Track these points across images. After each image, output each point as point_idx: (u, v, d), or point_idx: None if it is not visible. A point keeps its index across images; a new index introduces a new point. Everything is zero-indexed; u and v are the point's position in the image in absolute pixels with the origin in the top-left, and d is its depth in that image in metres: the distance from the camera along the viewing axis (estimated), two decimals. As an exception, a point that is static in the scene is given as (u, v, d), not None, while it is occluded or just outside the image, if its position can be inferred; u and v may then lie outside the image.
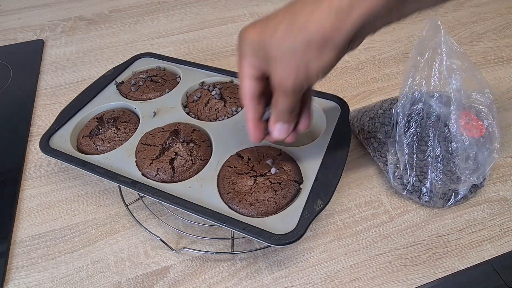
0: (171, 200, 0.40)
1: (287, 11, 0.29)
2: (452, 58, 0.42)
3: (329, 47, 0.28)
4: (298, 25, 0.28)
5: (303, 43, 0.28)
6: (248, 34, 0.31)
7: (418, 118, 0.44)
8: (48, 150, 0.46)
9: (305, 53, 0.29)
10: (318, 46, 0.28)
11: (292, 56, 0.29)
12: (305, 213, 0.39)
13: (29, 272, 0.42)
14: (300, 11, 0.28)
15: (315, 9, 0.27)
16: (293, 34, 0.28)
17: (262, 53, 0.31)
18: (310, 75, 0.30)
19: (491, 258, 0.41)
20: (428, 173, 0.44)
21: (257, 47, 0.31)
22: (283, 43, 0.29)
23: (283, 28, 0.29)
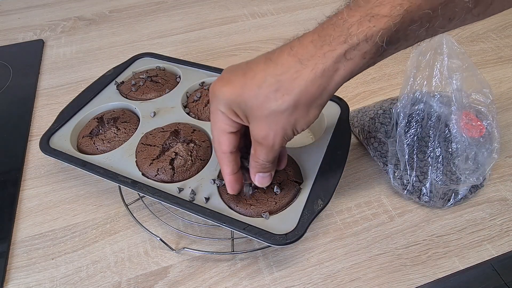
0: (171, 200, 0.40)
1: (267, 71, 0.29)
2: (452, 58, 0.42)
3: (315, 106, 0.29)
4: (283, 88, 0.28)
5: (290, 106, 0.28)
6: (225, 92, 0.30)
7: (419, 118, 0.44)
8: (48, 150, 0.46)
9: (292, 114, 0.29)
10: (305, 106, 0.29)
11: (279, 117, 0.29)
12: (305, 213, 0.39)
13: (29, 272, 0.42)
14: (284, 73, 0.28)
15: (299, 72, 0.28)
16: (278, 96, 0.28)
17: (240, 111, 0.30)
18: (297, 131, 0.31)
19: (491, 258, 0.41)
20: (428, 174, 0.44)
21: (235, 105, 0.30)
22: (267, 105, 0.29)
23: (266, 90, 0.28)
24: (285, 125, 0.30)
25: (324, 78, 0.27)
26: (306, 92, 0.28)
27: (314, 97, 0.28)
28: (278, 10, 0.83)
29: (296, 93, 0.28)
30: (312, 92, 0.28)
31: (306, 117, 0.29)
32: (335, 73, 0.27)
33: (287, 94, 0.28)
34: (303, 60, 0.27)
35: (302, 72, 0.27)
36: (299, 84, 0.28)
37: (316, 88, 0.28)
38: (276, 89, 0.28)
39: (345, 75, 0.28)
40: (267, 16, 0.81)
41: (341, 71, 0.27)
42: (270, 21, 0.80)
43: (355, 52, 0.27)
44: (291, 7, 0.84)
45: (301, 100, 0.28)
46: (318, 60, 0.27)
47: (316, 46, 0.27)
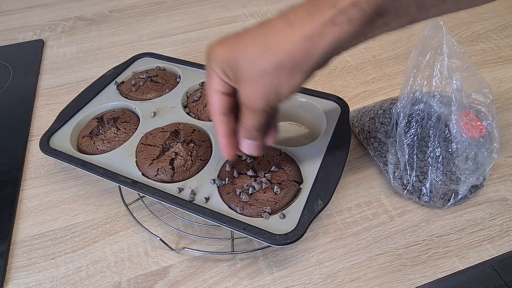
0: (171, 200, 0.40)
1: (258, 32, 0.29)
2: (452, 58, 0.42)
3: (300, 71, 0.29)
4: (269, 48, 0.28)
5: (274, 66, 0.28)
6: (218, 51, 0.31)
7: (419, 118, 0.44)
8: (48, 150, 0.46)
9: (276, 76, 0.29)
10: (289, 69, 0.29)
11: (263, 77, 0.29)
12: (305, 213, 0.39)
13: (29, 272, 0.42)
14: (271, 34, 0.28)
15: (286, 33, 0.28)
16: (264, 56, 0.28)
17: (231, 71, 0.31)
18: (280, 96, 0.31)
19: (491, 258, 0.41)
20: (428, 174, 0.44)
21: (226, 65, 0.31)
22: (254, 64, 0.29)
23: (254, 50, 0.29)
24: (268, 87, 0.30)
25: (310, 41, 0.27)
26: (291, 55, 0.28)
27: (299, 60, 0.28)
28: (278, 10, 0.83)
29: (281, 54, 0.28)
30: (297, 55, 0.28)
31: (290, 82, 0.29)
32: (321, 38, 0.27)
33: (273, 55, 0.28)
34: (293, 22, 0.28)
35: (289, 34, 0.28)
36: (285, 45, 0.28)
37: (301, 51, 0.28)
38: (263, 50, 0.28)
39: (332, 41, 0.27)
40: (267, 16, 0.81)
41: (327, 36, 0.27)
42: (270, 21, 0.80)
43: (343, 17, 0.26)
44: (291, 7, 0.84)
45: (285, 62, 0.28)
46: (306, 23, 0.27)
47: (307, 10, 0.27)
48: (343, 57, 0.69)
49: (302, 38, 0.27)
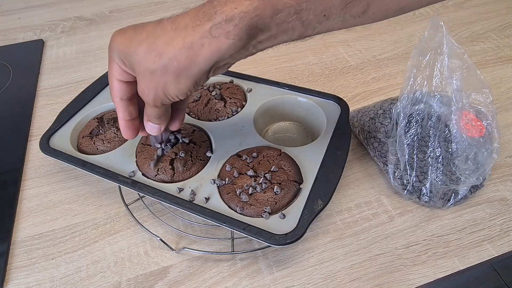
0: (171, 200, 0.40)
1: (151, 31, 0.30)
2: (452, 58, 0.42)
3: (185, 76, 0.30)
4: (156, 50, 0.29)
5: (160, 68, 0.30)
6: (117, 41, 0.32)
7: (419, 118, 0.44)
8: (48, 150, 0.46)
9: (162, 77, 0.30)
10: (174, 73, 0.30)
11: (151, 76, 0.30)
12: (305, 213, 0.39)
13: (29, 272, 0.42)
14: (160, 36, 0.29)
15: (172, 39, 0.29)
16: (152, 57, 0.29)
17: (128, 63, 0.32)
18: (168, 96, 0.32)
19: (491, 258, 0.41)
20: (428, 174, 0.44)
21: (123, 56, 0.32)
22: (143, 62, 0.30)
23: (144, 48, 0.30)
24: (156, 85, 0.31)
25: (192, 50, 0.28)
26: (174, 60, 0.29)
27: (183, 66, 0.29)
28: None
29: (165, 58, 0.29)
30: (181, 61, 0.29)
31: (177, 85, 0.30)
32: (202, 48, 0.28)
33: (159, 56, 0.29)
34: (178, 29, 0.29)
35: (174, 39, 0.29)
36: (170, 50, 0.29)
37: (184, 58, 0.29)
38: (151, 50, 0.29)
39: (212, 52, 0.28)
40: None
41: (206, 46, 0.28)
42: (270, 21, 0.80)
43: (219, 30, 0.27)
44: (291, 7, 0.84)
45: (170, 66, 0.29)
46: (188, 32, 0.28)
47: (192, 18, 0.28)
48: (343, 57, 0.69)
49: (184, 46, 0.28)
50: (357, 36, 0.74)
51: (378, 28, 0.76)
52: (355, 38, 0.73)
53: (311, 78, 0.65)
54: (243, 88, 0.54)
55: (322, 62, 0.68)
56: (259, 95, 0.53)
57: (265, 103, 0.51)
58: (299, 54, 0.70)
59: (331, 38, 0.74)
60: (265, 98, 0.52)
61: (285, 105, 0.53)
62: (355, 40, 0.73)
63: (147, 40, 0.30)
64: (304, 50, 0.71)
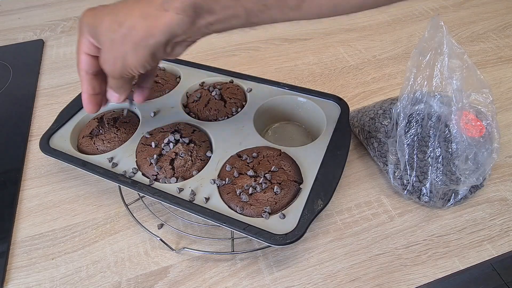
0: (171, 200, 0.40)
1: (117, 5, 0.33)
2: (452, 58, 0.42)
3: (142, 46, 0.32)
4: (118, 20, 0.32)
5: (120, 36, 0.32)
6: (86, 16, 0.35)
7: (419, 118, 0.44)
8: (48, 150, 0.47)
9: (121, 46, 0.32)
10: (133, 43, 0.32)
11: (111, 46, 0.33)
12: (305, 213, 0.39)
13: (29, 272, 0.42)
14: (123, 8, 0.32)
15: (131, 10, 0.32)
16: (114, 26, 0.32)
17: (94, 35, 0.34)
18: (128, 67, 0.34)
19: (491, 258, 0.41)
20: (428, 174, 0.44)
21: (90, 29, 0.34)
22: (106, 33, 0.33)
23: (108, 19, 0.32)
24: (116, 55, 0.33)
25: (148, 21, 0.31)
26: (133, 28, 0.31)
27: (140, 36, 0.31)
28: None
29: (125, 27, 0.31)
30: (139, 31, 0.31)
31: (135, 56, 0.32)
32: (157, 20, 0.30)
33: (119, 25, 0.32)
34: (138, 1, 0.32)
35: (134, 10, 0.31)
36: (129, 20, 0.31)
37: (142, 28, 0.31)
38: (114, 20, 0.32)
39: (165, 24, 0.30)
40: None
41: (160, 19, 0.30)
42: (270, 21, 0.80)
43: (169, 4, 0.30)
44: (291, 7, 0.84)
45: (128, 35, 0.32)
46: (145, 4, 0.31)
47: None
48: (343, 57, 0.69)
49: (141, 16, 0.31)
50: (357, 36, 0.74)
51: (378, 28, 0.76)
52: (355, 38, 0.73)
53: (311, 78, 0.65)
54: (243, 88, 0.54)
55: (322, 62, 0.68)
56: (259, 95, 0.53)
57: (265, 103, 0.51)
58: (299, 54, 0.70)
59: (331, 38, 0.74)
60: (265, 98, 0.52)
61: (285, 105, 0.53)
62: (355, 40, 0.73)
63: (112, 12, 0.33)
64: (304, 50, 0.71)
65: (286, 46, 0.72)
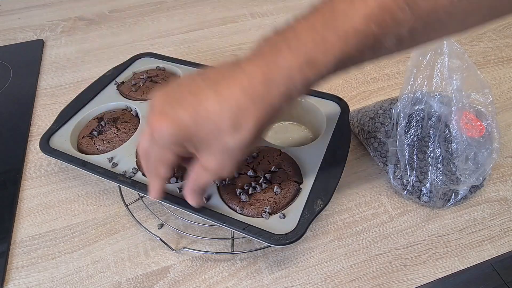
0: (171, 200, 0.40)
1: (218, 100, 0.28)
2: (452, 58, 0.42)
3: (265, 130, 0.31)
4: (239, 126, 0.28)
5: (247, 142, 0.29)
6: (169, 131, 0.29)
7: (419, 118, 0.44)
8: (48, 150, 0.47)
9: (247, 148, 0.30)
10: (259, 138, 0.30)
11: (234, 152, 0.30)
12: (305, 213, 0.39)
13: (29, 272, 0.42)
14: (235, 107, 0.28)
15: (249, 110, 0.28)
16: (236, 134, 0.29)
17: (191, 145, 0.31)
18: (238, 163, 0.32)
19: (491, 258, 0.41)
20: (428, 174, 0.44)
21: (185, 139, 0.30)
22: (223, 141, 0.29)
23: (222, 124, 0.28)
24: (239, 156, 0.31)
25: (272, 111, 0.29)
26: (260, 128, 0.29)
27: (265, 127, 0.30)
28: (278, 10, 0.83)
29: (249, 128, 0.29)
30: (264, 123, 0.29)
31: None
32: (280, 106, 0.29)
33: (241, 129, 0.29)
34: (253, 96, 0.28)
35: (251, 109, 0.28)
36: (252, 120, 0.28)
37: (266, 120, 0.29)
38: (233, 126, 0.28)
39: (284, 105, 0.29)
40: (267, 16, 0.81)
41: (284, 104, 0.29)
42: (270, 21, 0.80)
43: (294, 91, 0.28)
44: (291, 7, 0.84)
45: (255, 134, 0.29)
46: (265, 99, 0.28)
47: (264, 85, 0.28)
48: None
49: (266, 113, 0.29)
50: None
51: (378, 28, 0.76)
52: None
53: (311, 78, 0.65)
54: (243, 88, 0.54)
55: (322, 62, 0.68)
56: (259, 95, 0.53)
57: (265, 103, 0.51)
58: (299, 54, 0.70)
59: (331, 38, 0.74)
60: (265, 98, 0.52)
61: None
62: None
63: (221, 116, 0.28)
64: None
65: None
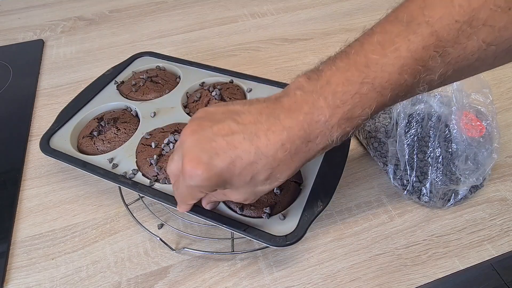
0: (171, 200, 0.40)
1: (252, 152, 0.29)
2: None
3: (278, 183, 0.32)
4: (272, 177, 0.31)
5: (263, 192, 0.33)
6: (201, 176, 0.30)
7: (419, 118, 0.44)
8: (48, 151, 0.47)
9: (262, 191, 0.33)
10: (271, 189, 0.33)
11: (251, 195, 0.33)
12: (305, 214, 0.39)
13: (29, 272, 0.42)
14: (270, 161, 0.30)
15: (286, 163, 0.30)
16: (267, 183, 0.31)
17: (224, 186, 0.32)
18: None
19: (491, 258, 0.41)
20: (428, 174, 0.44)
21: (214, 186, 0.31)
22: (254, 185, 0.32)
23: (256, 177, 0.31)
24: (256, 195, 0.34)
25: (306, 162, 0.32)
26: (291, 174, 0.32)
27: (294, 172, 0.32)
28: (278, 10, 0.83)
29: (283, 178, 0.31)
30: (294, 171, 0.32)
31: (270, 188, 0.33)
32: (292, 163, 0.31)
33: (275, 180, 0.31)
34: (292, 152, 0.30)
35: (289, 163, 0.30)
36: (287, 173, 0.31)
37: (297, 168, 0.31)
38: (268, 179, 0.31)
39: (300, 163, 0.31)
40: (267, 16, 0.81)
41: (318, 154, 0.32)
42: (270, 21, 0.80)
43: (330, 145, 0.31)
44: (291, 7, 0.84)
45: (269, 188, 0.32)
46: (304, 155, 0.31)
47: (303, 140, 0.30)
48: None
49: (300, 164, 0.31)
50: (358, 36, 0.74)
51: (378, 28, 0.76)
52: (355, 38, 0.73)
53: (311, 78, 0.65)
54: (243, 88, 0.54)
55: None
56: (259, 95, 0.52)
57: (265, 103, 0.51)
58: (299, 54, 0.70)
59: (331, 38, 0.74)
60: (265, 98, 0.52)
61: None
62: (355, 40, 0.73)
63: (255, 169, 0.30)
64: (304, 50, 0.71)
65: (286, 46, 0.72)
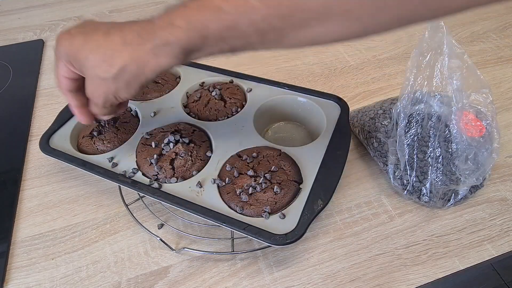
0: (171, 200, 0.40)
1: (101, 40, 0.33)
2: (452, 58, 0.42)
3: (135, 83, 0.34)
4: (108, 60, 0.32)
5: (111, 77, 0.33)
6: (65, 44, 0.34)
7: (419, 118, 0.44)
8: (48, 150, 0.47)
9: (113, 84, 0.34)
10: (125, 81, 0.33)
11: (102, 82, 0.34)
12: (305, 213, 0.39)
13: (29, 272, 0.42)
14: (110, 48, 0.32)
15: (121, 52, 0.32)
16: (104, 65, 0.33)
17: (77, 65, 0.34)
18: (118, 99, 0.36)
19: (491, 258, 0.41)
20: (428, 174, 0.44)
21: (72, 59, 0.34)
22: (95, 69, 0.33)
23: (95, 57, 0.33)
24: (107, 90, 0.34)
25: (139, 63, 0.32)
26: (124, 70, 0.32)
27: (132, 76, 0.33)
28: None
29: (116, 68, 0.32)
30: (130, 71, 0.32)
31: (127, 90, 0.34)
32: (147, 62, 0.32)
33: (110, 66, 0.32)
34: (126, 43, 0.32)
35: (122, 52, 0.32)
36: (120, 61, 0.32)
37: (133, 69, 0.32)
38: (103, 60, 0.33)
39: (155, 66, 0.32)
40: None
41: (151, 62, 0.32)
42: (270, 21, 0.80)
43: (159, 50, 0.31)
44: (291, 7, 0.84)
45: (120, 75, 0.33)
46: (134, 48, 0.32)
47: (137, 36, 0.32)
48: (343, 57, 0.69)
49: (132, 59, 0.32)
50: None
51: (378, 28, 0.76)
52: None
53: (311, 78, 0.65)
54: (243, 88, 0.54)
55: (322, 62, 0.68)
56: (259, 95, 0.53)
57: (265, 103, 0.51)
58: (299, 54, 0.70)
59: (331, 38, 0.74)
60: (265, 98, 0.52)
61: (285, 105, 0.53)
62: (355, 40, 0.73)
63: (97, 50, 0.33)
64: (304, 50, 0.71)
65: (286, 46, 0.72)
